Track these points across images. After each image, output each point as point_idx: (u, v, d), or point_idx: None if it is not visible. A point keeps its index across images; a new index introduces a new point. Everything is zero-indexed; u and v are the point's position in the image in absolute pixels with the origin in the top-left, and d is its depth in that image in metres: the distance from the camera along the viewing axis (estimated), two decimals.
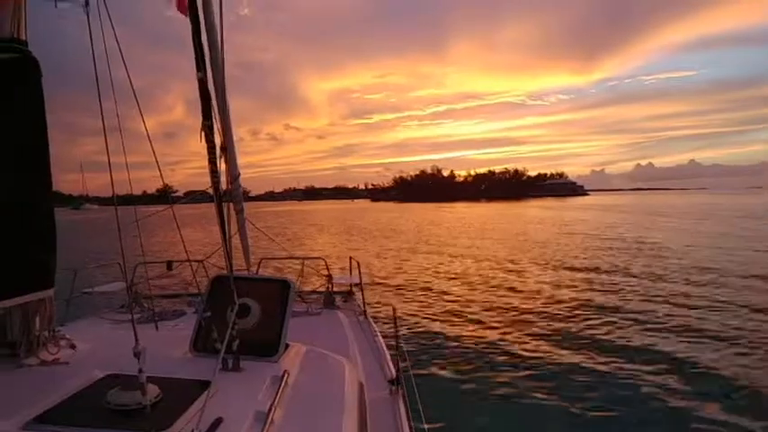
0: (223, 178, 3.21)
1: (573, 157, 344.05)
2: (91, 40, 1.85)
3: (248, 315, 2.39)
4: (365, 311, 4.53)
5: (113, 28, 1.93)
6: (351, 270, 5.57)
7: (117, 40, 1.91)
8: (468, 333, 7.96)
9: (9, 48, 2.12)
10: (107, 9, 1.91)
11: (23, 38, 2.23)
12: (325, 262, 5.33)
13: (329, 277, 5.07)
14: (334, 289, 5.08)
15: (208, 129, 2.86)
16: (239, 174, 3.76)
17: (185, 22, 2.62)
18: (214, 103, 2.65)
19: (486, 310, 9.48)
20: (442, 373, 6.18)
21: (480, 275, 13.59)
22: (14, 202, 2.03)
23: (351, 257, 5.69)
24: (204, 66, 2.43)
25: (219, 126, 3.03)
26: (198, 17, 2.36)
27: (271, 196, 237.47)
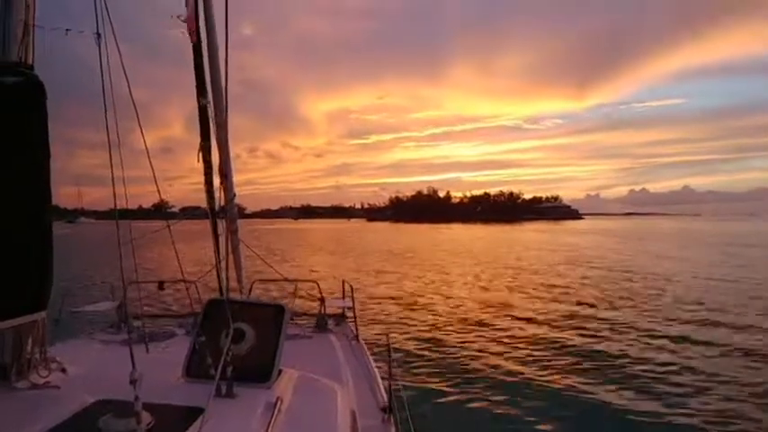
0: (218, 195, 3.24)
1: (568, 180, 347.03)
2: (101, 70, 1.90)
3: (242, 340, 2.38)
4: (357, 335, 4.50)
5: (120, 55, 1.99)
6: (344, 293, 5.56)
7: (125, 71, 1.96)
8: (464, 361, 7.85)
9: (16, 71, 2.16)
10: (116, 39, 1.96)
11: (30, 62, 2.28)
12: (318, 285, 5.31)
13: (322, 300, 5.05)
14: (327, 312, 5.05)
15: (206, 150, 2.91)
16: (235, 195, 3.79)
17: (186, 37, 2.69)
18: (212, 128, 2.70)
19: (483, 337, 9.38)
20: (436, 400, 6.08)
21: (477, 302, 13.47)
22: (12, 223, 2.04)
23: (344, 280, 5.67)
24: (206, 93, 2.48)
25: (218, 149, 3.07)
26: (201, 46, 2.43)
27: (266, 214, 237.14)
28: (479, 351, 8.37)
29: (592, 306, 12.36)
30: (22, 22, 2.15)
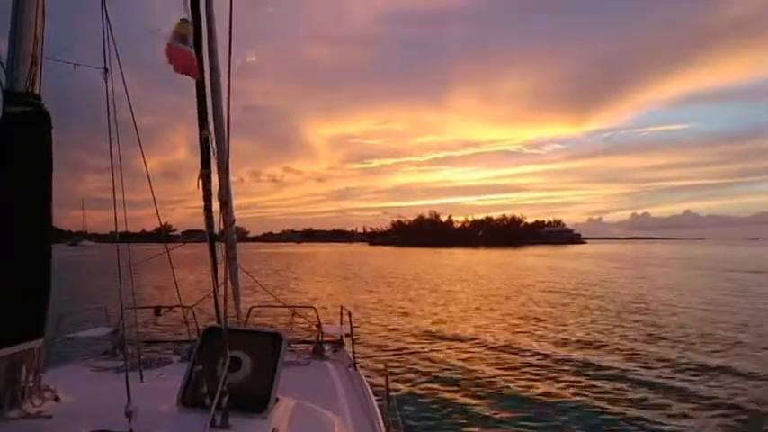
0: (217, 217, 3.26)
1: (570, 205, 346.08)
2: (107, 103, 1.95)
3: (239, 368, 2.36)
4: (355, 363, 4.44)
5: (126, 89, 2.05)
6: (341, 319, 5.52)
7: (130, 104, 2.01)
8: (465, 391, 7.69)
9: (23, 101, 2.23)
10: (122, 74, 2.02)
11: (37, 91, 2.35)
12: (316, 311, 5.27)
13: (319, 326, 5.01)
14: (324, 338, 5.00)
15: (206, 179, 2.95)
16: (234, 221, 3.81)
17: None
18: (214, 158, 2.74)
19: (485, 366, 9.22)
20: (435, 431, 5.93)
21: (479, 330, 13.25)
22: (12, 249, 2.06)
23: (342, 306, 5.65)
24: (207, 125, 2.54)
25: (218, 176, 3.12)
26: (204, 79, 2.49)
27: (269, 237, 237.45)
28: (480, 381, 8.21)
29: (603, 337, 12.12)
30: (31, 54, 2.23)
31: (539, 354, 10.10)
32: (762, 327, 13.00)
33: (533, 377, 8.36)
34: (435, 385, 7.84)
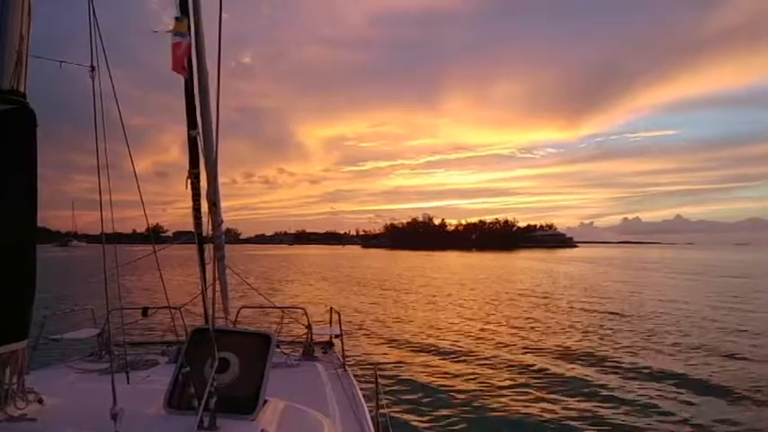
0: (206, 221, 3.24)
1: (562, 209, 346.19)
2: (94, 101, 1.93)
3: (227, 370, 2.34)
4: (345, 364, 4.43)
5: (113, 87, 2.03)
6: (331, 320, 5.50)
7: (117, 103, 2.00)
8: (454, 391, 7.70)
9: (7, 99, 2.20)
10: (109, 72, 2.01)
11: (22, 90, 2.32)
12: (306, 312, 5.25)
13: (309, 327, 4.99)
14: (314, 339, 4.98)
15: (194, 177, 2.94)
16: (222, 221, 3.79)
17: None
18: (202, 157, 2.73)
19: (473, 368, 9.24)
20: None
21: (469, 332, 13.31)
22: None
23: (331, 307, 5.63)
24: (196, 125, 2.52)
25: (206, 177, 3.10)
26: (193, 78, 2.48)
27: (261, 239, 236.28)
28: (471, 381, 8.23)
29: (601, 345, 12.19)
30: (16, 51, 2.20)
31: (533, 355, 10.13)
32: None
33: (526, 375, 8.38)
34: (425, 386, 7.85)
